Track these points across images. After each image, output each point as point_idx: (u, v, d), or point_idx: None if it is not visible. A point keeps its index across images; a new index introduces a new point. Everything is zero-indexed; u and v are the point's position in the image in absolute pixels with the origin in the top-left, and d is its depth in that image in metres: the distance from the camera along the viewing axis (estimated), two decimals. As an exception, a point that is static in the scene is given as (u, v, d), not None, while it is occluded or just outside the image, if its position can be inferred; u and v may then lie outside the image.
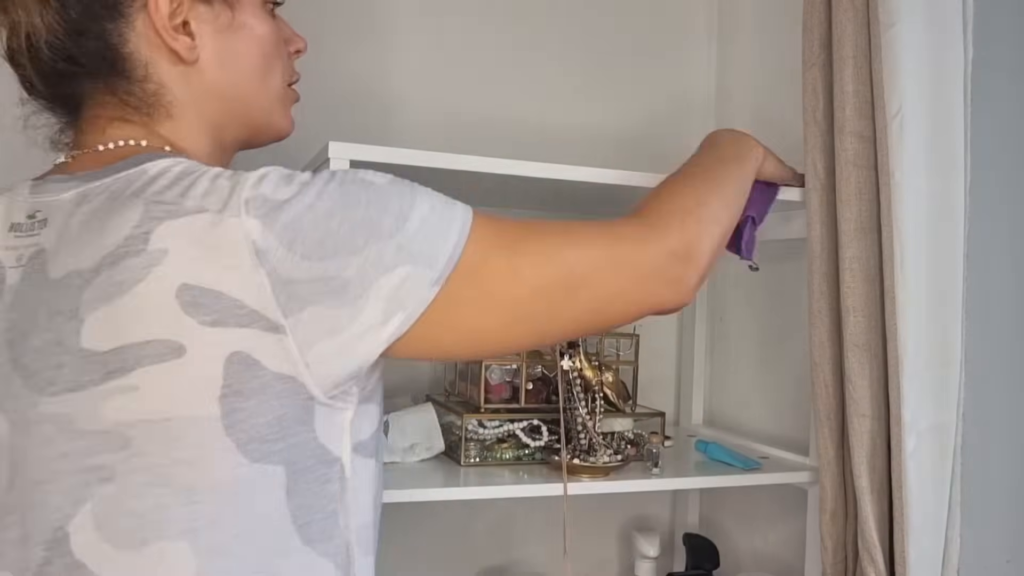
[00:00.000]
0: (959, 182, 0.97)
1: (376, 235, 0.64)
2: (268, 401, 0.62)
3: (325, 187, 0.65)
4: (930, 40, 0.96)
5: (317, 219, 0.63)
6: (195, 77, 0.76)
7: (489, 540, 1.42)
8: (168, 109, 0.75)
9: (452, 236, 0.67)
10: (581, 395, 1.05)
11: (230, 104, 0.79)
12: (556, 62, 1.45)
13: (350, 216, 0.64)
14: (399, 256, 0.64)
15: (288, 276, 0.61)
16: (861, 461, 1.00)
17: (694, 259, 0.78)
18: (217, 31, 0.76)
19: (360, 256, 0.63)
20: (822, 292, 1.07)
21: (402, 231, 0.65)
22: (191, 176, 0.65)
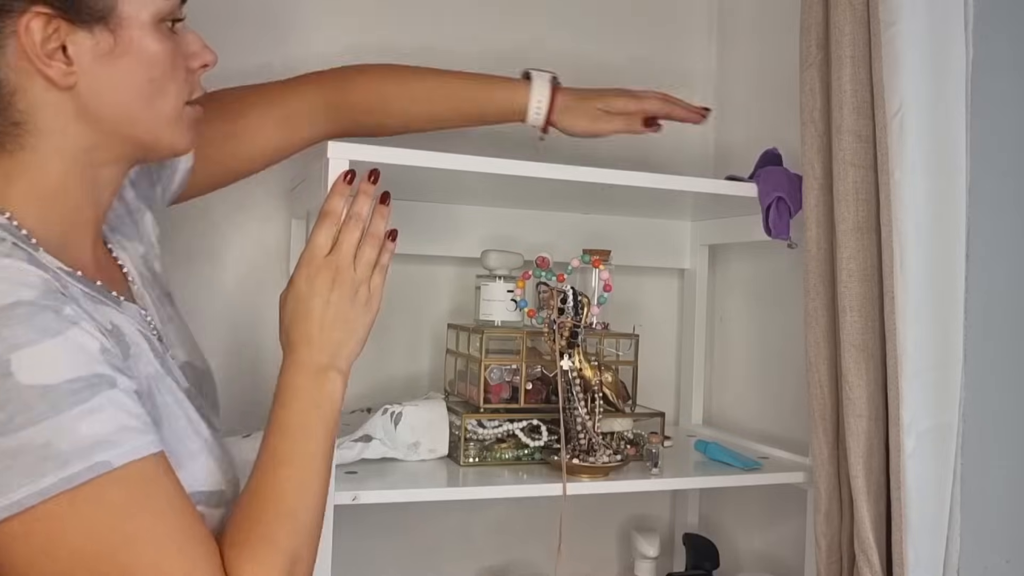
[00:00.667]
0: (960, 181, 0.97)
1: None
2: None
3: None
4: (931, 39, 0.96)
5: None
6: (68, 103, 0.73)
7: (489, 540, 1.42)
8: (23, 141, 0.73)
9: (44, 481, 0.61)
10: (581, 395, 1.05)
11: (108, 128, 0.76)
12: (556, 60, 1.45)
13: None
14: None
15: None
16: (857, 462, 0.99)
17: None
18: (97, 57, 0.73)
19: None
20: (818, 292, 1.07)
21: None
22: None
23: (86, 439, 0.63)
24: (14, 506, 0.61)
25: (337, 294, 0.83)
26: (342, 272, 0.84)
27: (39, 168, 0.74)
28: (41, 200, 0.74)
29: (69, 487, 0.61)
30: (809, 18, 1.06)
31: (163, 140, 0.80)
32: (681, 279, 1.53)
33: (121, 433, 0.65)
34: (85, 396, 0.64)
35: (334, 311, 0.83)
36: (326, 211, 0.86)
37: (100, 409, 0.64)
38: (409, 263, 1.32)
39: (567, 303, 1.05)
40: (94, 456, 0.63)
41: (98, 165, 0.77)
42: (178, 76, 0.79)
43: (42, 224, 0.74)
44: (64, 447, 0.62)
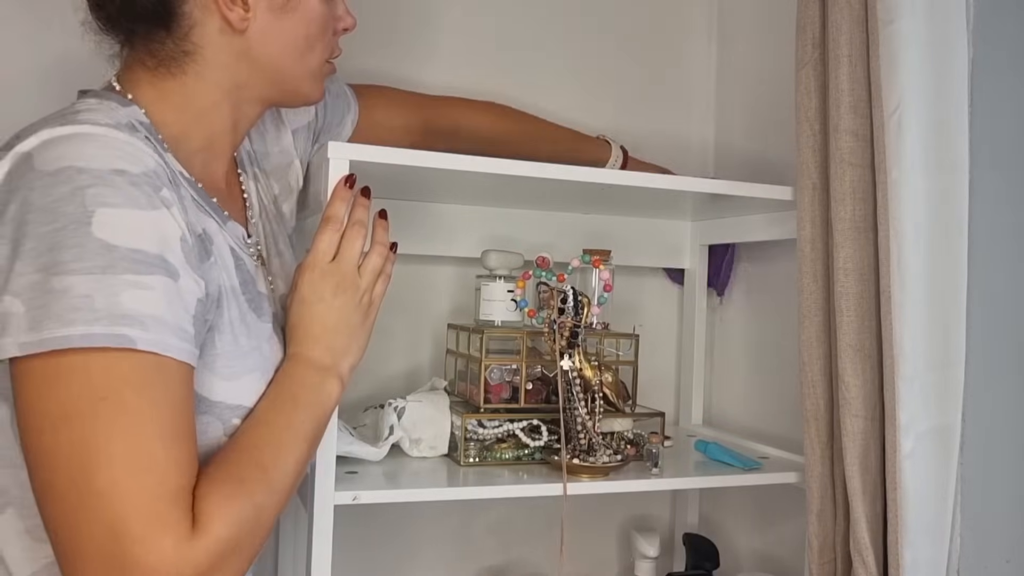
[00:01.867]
0: (962, 180, 0.97)
1: (29, 256, 0.65)
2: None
3: (54, 188, 0.66)
4: (930, 37, 0.96)
5: (24, 204, 0.66)
6: (237, 44, 0.81)
7: (489, 540, 1.42)
8: (186, 67, 0.81)
9: (71, 330, 0.63)
10: (581, 395, 1.05)
11: (262, 71, 0.84)
12: (556, 62, 1.45)
13: (37, 225, 0.66)
14: (24, 290, 0.64)
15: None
16: (853, 462, 0.99)
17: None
18: (271, 8, 0.82)
19: (8, 257, 0.65)
20: (811, 292, 1.07)
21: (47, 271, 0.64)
22: (63, 115, 0.72)
23: (121, 307, 0.64)
24: (39, 343, 0.63)
25: (341, 300, 0.85)
26: (347, 278, 0.86)
27: (194, 92, 0.82)
28: (187, 117, 0.82)
29: (86, 345, 0.63)
30: (805, 17, 1.06)
31: (302, 90, 0.89)
32: (681, 279, 1.53)
33: (155, 321, 0.66)
34: (140, 269, 0.66)
35: (337, 316, 0.84)
36: (329, 216, 0.88)
37: (148, 287, 0.66)
38: (409, 263, 1.32)
39: (567, 303, 1.05)
40: (121, 327, 0.64)
41: (244, 101, 0.86)
42: (326, 36, 0.89)
43: (182, 137, 0.81)
44: (99, 305, 0.64)
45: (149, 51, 0.80)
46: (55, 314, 0.63)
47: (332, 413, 0.84)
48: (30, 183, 0.66)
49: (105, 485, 0.62)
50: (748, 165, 1.45)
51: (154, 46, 0.80)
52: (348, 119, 1.11)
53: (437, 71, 1.38)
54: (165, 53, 0.80)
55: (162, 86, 0.81)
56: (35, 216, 0.65)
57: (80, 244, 0.64)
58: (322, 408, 0.82)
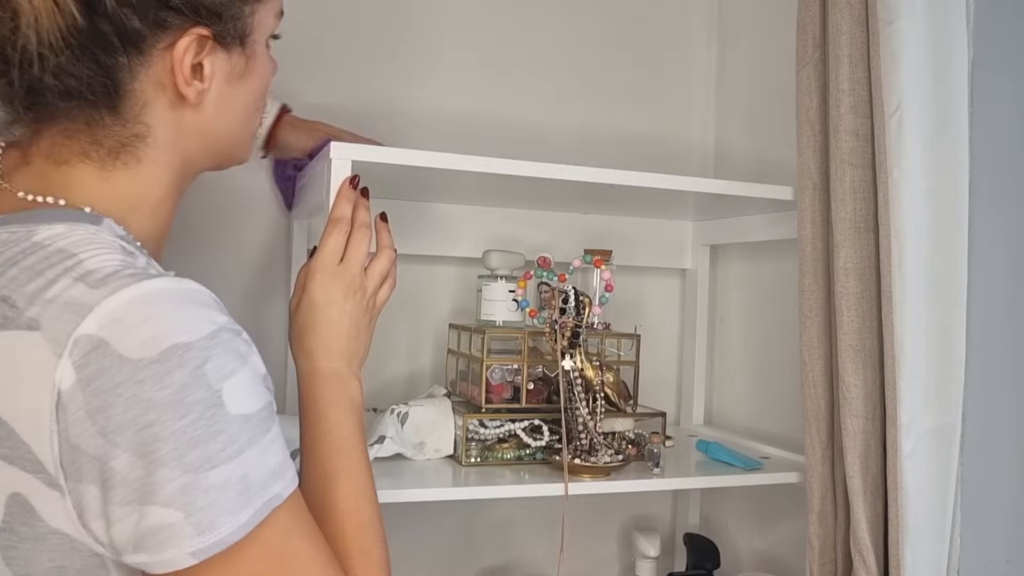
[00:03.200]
0: (962, 180, 0.97)
1: (171, 459, 0.58)
2: (44, 551, 0.59)
3: (168, 377, 0.58)
4: (931, 37, 0.96)
5: (134, 403, 0.57)
6: (188, 119, 0.73)
7: (489, 540, 1.42)
8: (140, 153, 0.71)
9: (242, 516, 0.60)
10: (582, 395, 1.05)
11: (213, 144, 0.77)
12: (556, 62, 1.45)
13: (167, 423, 0.58)
14: (178, 497, 0.58)
15: (76, 442, 0.57)
16: (854, 462, 0.99)
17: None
18: (228, 79, 0.74)
19: (143, 467, 0.58)
20: (812, 292, 1.07)
21: (200, 474, 0.59)
22: (62, 263, 0.60)
23: (268, 469, 0.62)
24: (220, 543, 0.59)
25: (351, 303, 0.84)
26: (355, 281, 0.85)
27: (148, 180, 0.72)
28: (145, 212, 0.73)
29: (257, 523, 0.61)
30: (806, 17, 1.06)
31: (240, 155, 0.83)
32: (682, 279, 1.53)
33: (284, 464, 0.65)
34: (269, 425, 0.64)
35: (349, 321, 0.84)
36: (336, 218, 0.87)
37: (276, 438, 0.64)
38: (410, 263, 1.32)
39: (568, 303, 1.05)
40: (272, 488, 0.62)
41: (187, 177, 0.78)
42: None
43: (147, 239, 0.73)
44: (254, 480, 0.61)
45: (94, 140, 0.69)
46: (227, 509, 0.59)
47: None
48: (133, 377, 0.57)
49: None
50: (748, 165, 1.45)
51: (100, 133, 0.69)
52: None
53: (434, 76, 1.38)
54: (114, 140, 0.69)
55: (113, 181, 0.70)
56: (160, 414, 0.57)
57: (224, 429, 0.60)
58: (361, 420, 0.82)
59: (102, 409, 0.56)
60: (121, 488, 0.57)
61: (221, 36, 0.71)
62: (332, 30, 1.32)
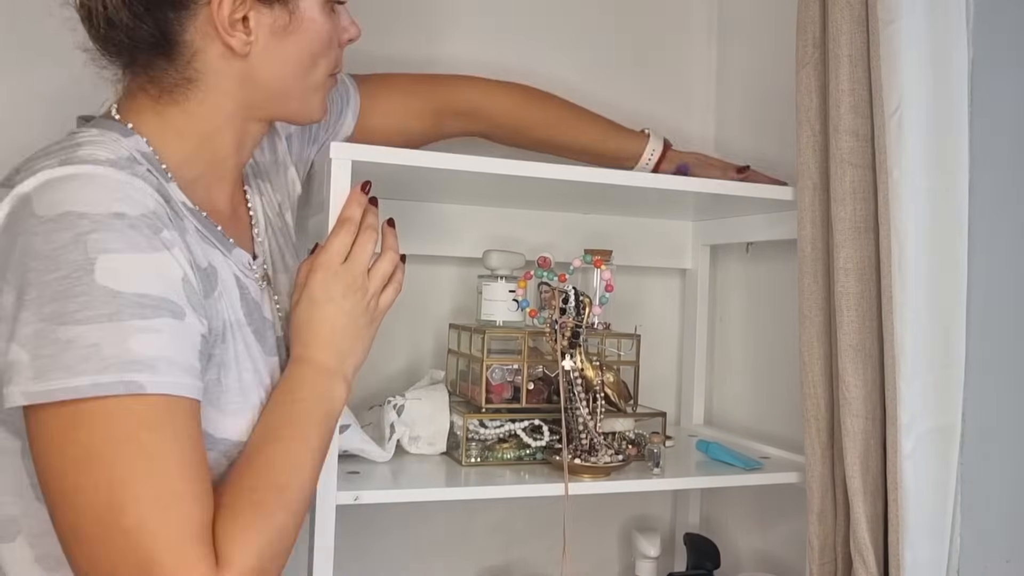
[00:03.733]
0: (962, 179, 0.97)
1: (33, 304, 0.65)
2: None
3: (56, 235, 0.66)
4: (931, 37, 0.96)
5: (26, 250, 0.66)
6: (240, 68, 0.80)
7: (489, 540, 1.42)
8: (189, 94, 0.80)
9: (79, 379, 0.64)
10: (582, 395, 1.05)
11: (266, 93, 0.83)
12: (556, 62, 1.45)
13: (39, 272, 0.65)
14: (29, 340, 0.65)
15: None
16: (854, 462, 0.99)
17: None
18: (273, 31, 0.80)
19: (16, 306, 0.66)
20: (812, 292, 1.07)
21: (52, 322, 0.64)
22: (66, 149, 0.71)
23: (131, 353, 0.65)
24: (47, 394, 0.63)
25: (350, 303, 0.85)
26: (356, 281, 0.86)
27: (197, 118, 0.81)
28: (191, 143, 0.81)
29: (97, 395, 0.64)
30: (805, 17, 1.06)
31: (306, 108, 0.88)
32: (683, 279, 1.53)
33: (166, 363, 0.66)
34: (146, 313, 0.66)
35: (346, 319, 0.85)
36: (345, 218, 0.89)
37: (156, 331, 0.67)
38: (410, 263, 1.31)
39: (569, 303, 1.05)
40: (130, 373, 0.64)
41: (247, 122, 0.85)
42: (331, 51, 0.87)
43: (185, 163, 0.80)
44: (108, 353, 0.64)
45: (151, 79, 0.80)
46: (63, 364, 0.63)
47: (339, 417, 0.84)
48: (32, 228, 0.66)
49: (133, 524, 0.64)
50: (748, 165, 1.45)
51: (156, 74, 0.79)
52: (348, 113, 1.09)
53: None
54: (168, 81, 0.79)
55: (165, 113, 0.80)
56: (38, 263, 0.65)
57: (85, 292, 0.65)
58: (332, 416, 0.83)
59: (6, 251, 0.67)
60: (2, 323, 0.66)
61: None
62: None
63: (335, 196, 0.90)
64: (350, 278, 0.85)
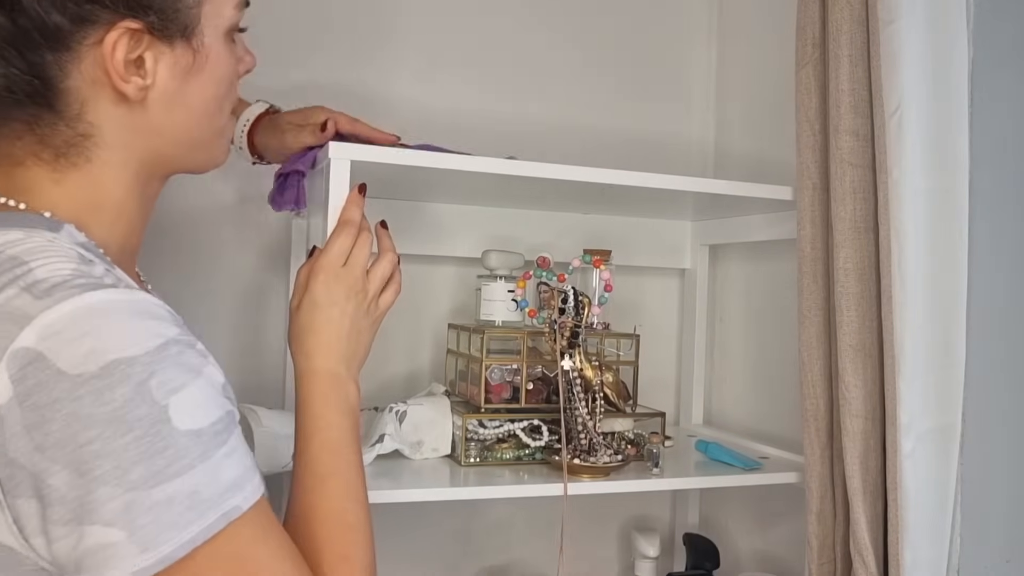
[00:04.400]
0: (962, 179, 0.97)
1: (112, 477, 0.56)
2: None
3: (110, 392, 0.57)
4: (931, 37, 0.96)
5: (73, 420, 0.56)
6: (136, 117, 0.70)
7: (489, 540, 1.42)
8: (89, 153, 0.69)
9: (189, 532, 0.58)
10: (581, 395, 1.05)
11: (170, 144, 0.74)
12: (556, 62, 1.45)
13: (107, 440, 0.57)
14: (120, 516, 0.57)
15: (14, 457, 0.56)
16: (854, 462, 0.99)
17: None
18: (173, 74, 0.70)
19: (82, 486, 0.56)
20: (812, 292, 1.07)
21: (141, 492, 0.57)
22: (11, 271, 0.59)
23: (223, 484, 0.61)
24: (162, 561, 0.58)
25: (353, 305, 0.84)
26: (358, 283, 0.85)
27: (104, 182, 0.71)
28: (106, 215, 0.71)
29: (207, 537, 0.59)
30: (805, 17, 1.06)
31: (211, 156, 0.80)
32: (681, 279, 1.53)
33: (245, 475, 0.63)
34: (224, 438, 0.62)
35: (350, 322, 0.83)
36: (345, 220, 0.87)
37: (233, 451, 0.63)
38: (409, 263, 1.32)
39: (568, 303, 1.05)
40: (229, 501, 0.61)
41: (151, 179, 0.75)
42: (234, 90, 0.79)
43: (109, 241, 0.71)
44: (207, 495, 0.59)
45: (40, 140, 0.67)
46: (171, 525, 0.58)
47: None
48: (71, 393, 0.56)
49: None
50: (748, 165, 1.45)
51: (44, 132, 0.67)
52: None
53: (433, 76, 1.38)
54: (60, 140, 0.68)
55: (66, 183, 0.68)
56: (101, 431, 0.56)
57: (170, 445, 0.58)
58: (357, 423, 0.82)
59: (39, 425, 0.55)
60: (59, 506, 0.56)
61: (158, 29, 0.68)
62: (325, 23, 1.32)
63: (334, 196, 0.90)
64: (351, 280, 0.84)
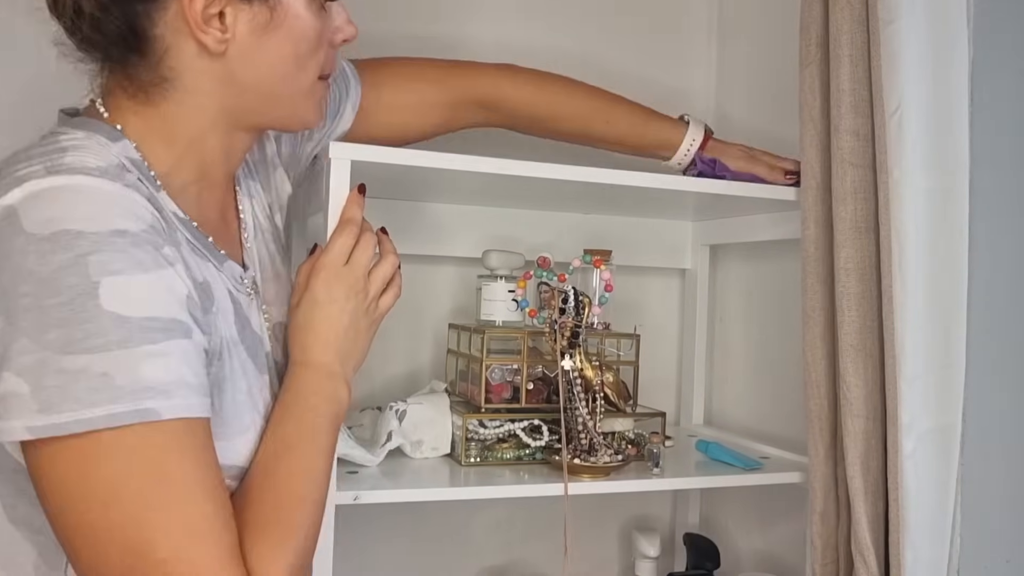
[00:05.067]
0: (962, 179, 0.97)
1: (31, 331, 0.60)
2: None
3: (52, 256, 0.61)
4: (931, 37, 0.96)
5: (16, 272, 0.61)
6: (219, 68, 0.75)
7: (489, 540, 1.42)
8: (167, 94, 0.75)
9: (91, 411, 0.60)
10: (582, 395, 1.05)
11: (251, 97, 0.78)
12: (555, 62, 1.45)
13: (36, 297, 0.61)
14: (29, 370, 0.60)
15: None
16: (855, 462, 0.99)
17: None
18: (252, 29, 0.75)
19: (8, 333, 0.61)
20: (815, 292, 1.07)
21: (57, 350, 0.60)
22: (51, 154, 0.66)
23: (143, 380, 0.62)
24: (56, 428, 0.60)
25: (353, 304, 0.84)
26: (359, 283, 0.85)
27: (178, 121, 0.76)
28: (177, 149, 0.76)
29: (112, 425, 0.61)
30: (808, 17, 1.06)
31: (297, 115, 0.84)
32: (682, 279, 1.53)
33: (178, 386, 0.64)
34: (156, 337, 0.64)
35: (348, 320, 0.84)
36: (347, 219, 0.87)
37: (166, 354, 0.64)
38: (409, 263, 1.32)
39: (568, 303, 1.05)
40: (145, 401, 0.62)
41: (234, 128, 0.80)
42: (319, 52, 0.81)
43: (173, 170, 0.76)
44: (120, 382, 0.61)
45: (127, 76, 0.75)
46: (72, 396, 0.60)
47: (345, 414, 0.84)
48: (22, 248, 0.61)
49: (168, 554, 0.62)
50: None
51: (131, 71, 0.74)
52: (347, 107, 1.02)
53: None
54: (142, 79, 0.74)
55: (145, 114, 0.75)
56: (34, 288, 0.61)
57: (91, 319, 0.61)
58: (339, 418, 0.82)
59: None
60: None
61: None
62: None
63: (334, 196, 0.90)
64: (352, 279, 0.85)
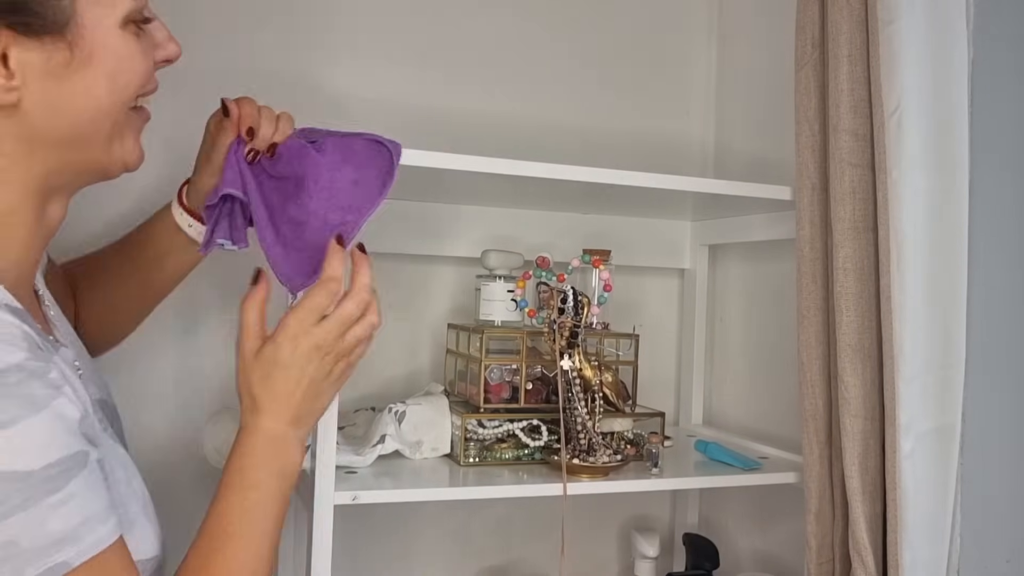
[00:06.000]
0: (962, 179, 0.97)
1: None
2: None
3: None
4: (930, 37, 0.96)
5: None
6: (13, 125, 0.65)
7: (489, 540, 1.42)
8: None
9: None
10: (581, 395, 1.05)
11: (59, 150, 0.68)
12: (556, 62, 1.45)
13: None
14: None
15: None
16: (853, 462, 0.99)
17: None
18: (48, 73, 0.64)
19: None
20: (810, 292, 1.07)
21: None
22: None
23: (50, 535, 0.57)
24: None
25: (315, 367, 0.78)
26: (327, 344, 0.78)
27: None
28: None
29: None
30: (805, 17, 1.06)
31: (113, 158, 0.73)
32: (681, 279, 1.53)
33: (84, 526, 0.59)
34: (59, 484, 0.58)
35: (308, 382, 0.78)
36: (330, 277, 0.79)
37: (71, 498, 0.58)
38: (409, 263, 1.32)
39: (567, 303, 1.05)
40: (55, 556, 0.57)
41: (50, 194, 0.70)
42: (145, 81, 0.72)
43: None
44: (26, 546, 0.55)
45: None
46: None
47: (298, 474, 0.80)
48: None
49: None
50: (748, 165, 1.45)
51: None
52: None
53: (433, 75, 1.37)
54: None
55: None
56: None
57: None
58: (289, 487, 0.77)
59: None
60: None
61: (20, 24, 0.62)
62: (310, 25, 1.32)
63: (327, 254, 0.86)
64: (321, 340, 0.77)
